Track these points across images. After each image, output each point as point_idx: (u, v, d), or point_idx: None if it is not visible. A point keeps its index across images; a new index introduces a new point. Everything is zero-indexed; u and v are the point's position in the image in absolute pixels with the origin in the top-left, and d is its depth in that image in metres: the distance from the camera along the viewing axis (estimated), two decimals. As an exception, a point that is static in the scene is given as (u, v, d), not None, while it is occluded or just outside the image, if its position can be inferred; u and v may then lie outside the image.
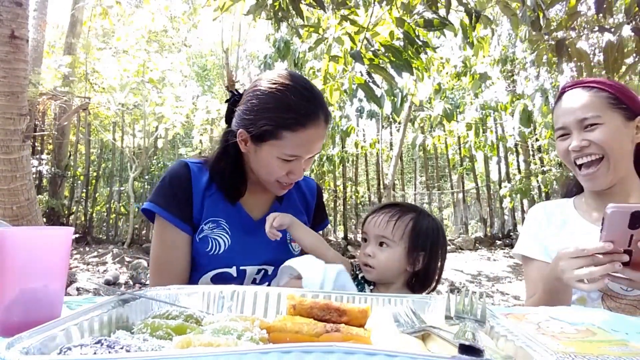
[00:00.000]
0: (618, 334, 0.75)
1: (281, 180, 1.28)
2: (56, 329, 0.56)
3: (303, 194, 1.51)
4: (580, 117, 1.27)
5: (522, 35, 5.26)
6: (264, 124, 1.22)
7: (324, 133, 1.28)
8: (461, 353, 0.45)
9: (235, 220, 1.33)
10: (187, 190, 1.30)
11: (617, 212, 0.97)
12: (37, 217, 3.65)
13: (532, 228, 1.45)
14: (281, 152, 1.22)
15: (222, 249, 1.29)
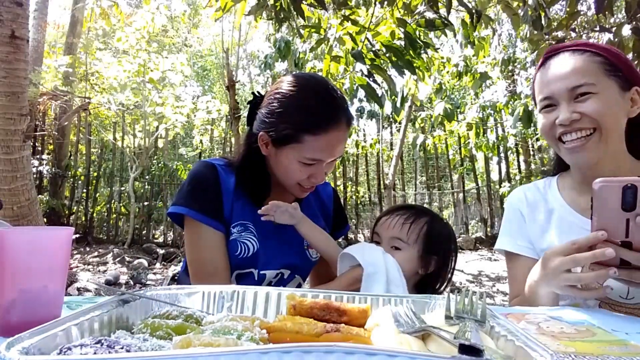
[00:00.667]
0: (618, 334, 0.75)
1: (302, 184, 1.28)
2: (56, 329, 0.56)
3: (321, 198, 1.50)
4: (571, 85, 1.10)
5: (523, 34, 5.25)
6: (285, 127, 1.21)
7: (345, 136, 1.27)
8: (461, 353, 0.45)
9: (260, 225, 1.32)
10: (217, 190, 1.28)
11: (606, 187, 0.84)
12: (38, 217, 3.65)
13: (514, 220, 1.30)
14: (302, 156, 1.21)
15: (251, 252, 1.29)
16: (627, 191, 0.81)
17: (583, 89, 1.08)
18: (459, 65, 6.68)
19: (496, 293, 5.44)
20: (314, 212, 1.46)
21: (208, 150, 9.73)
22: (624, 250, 0.83)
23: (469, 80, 6.77)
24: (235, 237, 1.28)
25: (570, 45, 1.17)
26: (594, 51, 1.12)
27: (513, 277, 1.29)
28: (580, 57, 1.12)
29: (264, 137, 1.26)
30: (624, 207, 0.82)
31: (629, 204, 0.82)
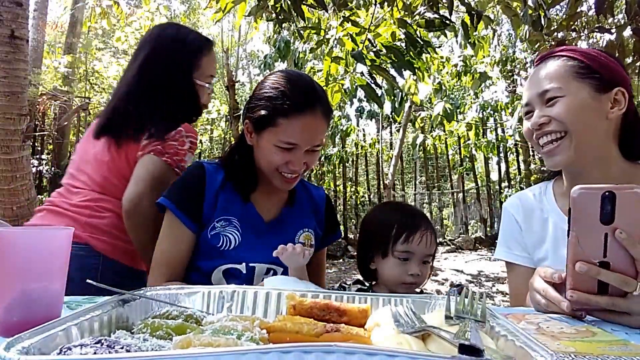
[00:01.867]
0: (618, 334, 0.75)
1: (282, 170, 1.31)
2: (56, 329, 0.56)
3: (313, 200, 1.54)
4: (540, 89, 1.14)
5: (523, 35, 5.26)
6: (262, 109, 1.28)
7: (322, 126, 1.31)
8: (461, 353, 0.45)
9: (247, 220, 1.38)
10: (199, 190, 1.35)
11: (584, 194, 0.79)
12: (37, 217, 3.64)
13: (510, 229, 1.31)
14: (278, 139, 1.26)
15: (232, 246, 1.34)
16: (605, 200, 0.77)
17: (550, 94, 1.12)
18: (459, 65, 6.68)
19: (496, 293, 5.44)
20: (305, 213, 1.49)
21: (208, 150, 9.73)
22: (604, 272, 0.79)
23: (469, 80, 6.77)
24: (218, 231, 1.34)
25: (551, 52, 1.19)
26: (570, 56, 1.15)
27: (512, 287, 1.30)
28: (554, 62, 1.16)
29: (247, 124, 1.35)
30: (602, 219, 0.78)
31: (608, 215, 0.77)
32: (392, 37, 2.95)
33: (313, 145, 1.31)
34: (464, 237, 9.03)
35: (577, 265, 0.80)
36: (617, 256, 0.79)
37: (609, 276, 0.79)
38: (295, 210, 1.48)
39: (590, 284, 0.81)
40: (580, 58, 1.13)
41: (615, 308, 0.80)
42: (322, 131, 1.34)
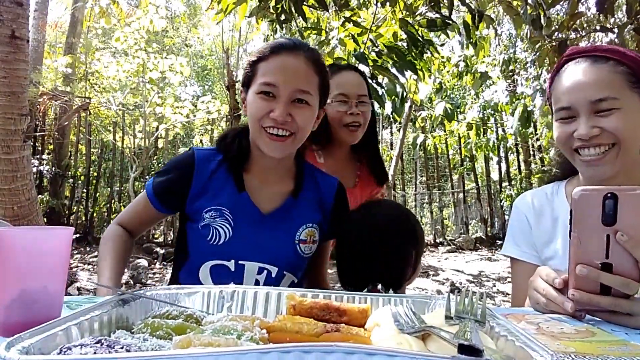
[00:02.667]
0: (618, 334, 0.75)
1: (265, 125, 1.23)
2: (56, 329, 0.56)
3: (320, 191, 1.43)
4: (593, 97, 1.03)
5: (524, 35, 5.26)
6: (247, 71, 1.29)
7: (306, 70, 1.25)
8: (460, 353, 0.45)
9: (240, 212, 1.29)
10: (184, 180, 1.31)
11: (585, 195, 0.77)
12: (38, 217, 3.65)
13: (519, 226, 1.29)
14: (258, 85, 1.22)
15: (222, 240, 1.27)
16: (607, 201, 0.76)
17: (606, 105, 1.02)
18: (459, 65, 6.68)
19: (496, 293, 5.44)
20: (311, 205, 1.39)
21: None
22: (604, 275, 0.78)
23: (470, 80, 6.77)
24: (208, 222, 1.27)
25: (591, 50, 1.09)
26: (617, 59, 1.05)
27: (516, 284, 1.28)
28: (603, 66, 1.05)
29: (242, 92, 1.34)
30: (604, 220, 0.77)
31: (610, 217, 0.76)
32: (393, 37, 2.95)
33: (297, 90, 1.22)
34: (464, 237, 9.02)
35: (578, 268, 0.79)
36: (619, 257, 0.77)
37: (610, 279, 0.78)
38: (299, 202, 1.36)
39: (592, 284, 0.80)
40: (628, 63, 1.04)
41: (618, 309, 0.79)
42: (307, 76, 1.26)
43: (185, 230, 1.33)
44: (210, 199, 1.29)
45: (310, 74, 1.26)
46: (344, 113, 1.77)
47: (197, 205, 1.29)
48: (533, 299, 0.91)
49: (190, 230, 1.31)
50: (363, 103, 1.80)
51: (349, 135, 1.80)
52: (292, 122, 1.23)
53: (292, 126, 1.24)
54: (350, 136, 1.81)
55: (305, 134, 1.30)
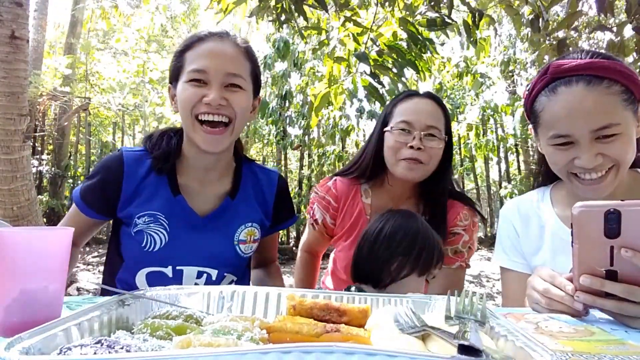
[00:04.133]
0: (617, 333, 0.75)
1: (199, 111, 1.16)
2: (56, 329, 0.56)
3: (260, 188, 1.37)
4: (595, 126, 0.99)
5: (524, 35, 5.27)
6: (174, 63, 1.24)
7: (235, 53, 1.21)
8: (460, 353, 0.45)
9: (176, 216, 1.23)
10: (112, 184, 1.23)
11: (586, 212, 0.77)
12: (38, 218, 3.65)
13: (507, 234, 1.28)
14: (188, 74, 1.17)
15: (158, 246, 1.22)
16: (609, 216, 0.75)
17: (609, 131, 0.99)
18: (460, 66, 6.69)
19: (497, 294, 5.44)
20: (250, 204, 1.34)
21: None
22: (608, 284, 0.78)
23: (470, 81, 6.78)
24: (141, 228, 1.21)
25: (583, 68, 1.03)
26: (611, 78, 1.01)
27: (506, 292, 1.28)
28: (599, 89, 1.00)
29: (170, 89, 1.28)
30: (607, 234, 0.76)
31: (613, 230, 0.75)
32: (393, 36, 2.95)
33: (229, 74, 1.17)
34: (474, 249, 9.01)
35: (582, 278, 0.79)
36: (625, 264, 0.77)
37: (615, 287, 0.78)
38: (237, 202, 1.31)
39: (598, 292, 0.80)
40: (622, 80, 1.01)
41: (623, 312, 0.79)
42: (238, 60, 1.21)
43: (119, 235, 1.28)
44: (142, 203, 1.22)
45: (240, 58, 1.22)
46: (403, 144, 1.44)
47: (129, 211, 1.22)
48: (532, 299, 0.91)
49: (124, 235, 1.25)
50: (432, 137, 1.45)
51: (405, 172, 1.44)
52: (227, 107, 1.17)
53: (228, 110, 1.18)
54: (406, 173, 1.44)
55: (242, 122, 1.23)
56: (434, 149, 1.44)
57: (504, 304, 1.26)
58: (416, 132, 1.44)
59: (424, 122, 1.45)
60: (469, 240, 1.51)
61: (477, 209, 1.58)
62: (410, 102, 1.51)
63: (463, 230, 1.50)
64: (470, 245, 1.53)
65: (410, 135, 1.44)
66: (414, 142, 1.42)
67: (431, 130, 1.45)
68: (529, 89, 1.15)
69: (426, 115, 1.46)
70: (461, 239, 1.50)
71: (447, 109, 1.57)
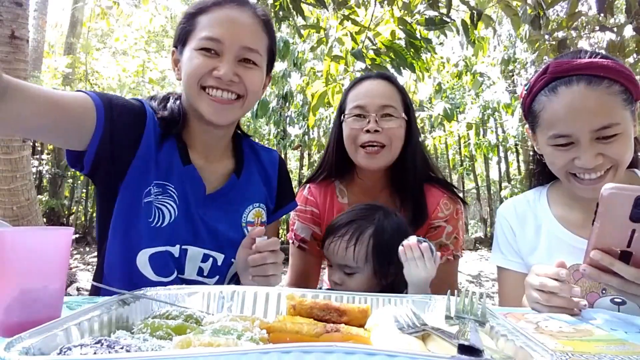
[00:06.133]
0: (617, 333, 0.75)
1: (207, 85, 1.07)
2: (56, 329, 0.56)
3: (263, 165, 1.30)
4: (596, 126, 0.99)
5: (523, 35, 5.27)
6: (183, 24, 1.12)
7: (252, 23, 1.10)
8: (460, 353, 0.45)
9: (185, 187, 1.11)
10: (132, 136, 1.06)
11: (616, 195, 0.77)
12: (37, 218, 3.65)
13: (504, 234, 1.27)
14: (199, 41, 1.06)
15: (167, 222, 1.08)
16: (638, 201, 0.76)
17: (610, 131, 0.99)
18: (459, 65, 6.68)
19: (496, 293, 5.45)
20: (255, 184, 1.26)
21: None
22: (618, 264, 0.80)
23: (470, 81, 6.78)
24: (151, 199, 1.07)
25: (584, 68, 1.03)
26: (611, 78, 1.01)
27: (503, 292, 1.28)
28: (599, 89, 1.00)
29: (173, 52, 1.16)
30: (632, 217, 0.77)
31: (639, 215, 0.76)
32: (391, 35, 2.95)
33: (244, 47, 1.07)
34: (464, 237, 9.03)
35: (592, 253, 0.81)
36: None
37: (623, 269, 0.79)
38: (243, 181, 1.22)
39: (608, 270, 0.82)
40: (621, 80, 1.02)
41: (626, 290, 0.81)
42: (256, 33, 1.11)
43: (111, 210, 1.07)
44: (153, 169, 1.08)
45: (258, 31, 1.11)
46: (360, 130, 1.39)
47: (138, 176, 1.06)
48: (531, 298, 0.91)
49: (124, 208, 1.06)
50: (388, 117, 1.39)
51: (366, 159, 1.39)
52: (239, 84, 1.08)
53: (239, 88, 1.08)
54: (368, 160, 1.39)
55: (254, 100, 1.13)
56: (392, 129, 1.38)
57: (501, 303, 1.26)
58: (371, 115, 1.38)
59: (378, 103, 1.39)
60: (453, 231, 1.45)
61: (458, 195, 1.51)
62: (362, 86, 1.45)
63: (445, 221, 1.44)
64: (456, 235, 1.46)
65: (366, 119, 1.39)
66: (370, 125, 1.37)
67: (386, 109, 1.39)
68: (528, 88, 1.15)
69: (379, 96, 1.40)
70: (444, 232, 1.44)
71: (402, 87, 1.49)
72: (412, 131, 1.46)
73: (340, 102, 1.53)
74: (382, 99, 1.40)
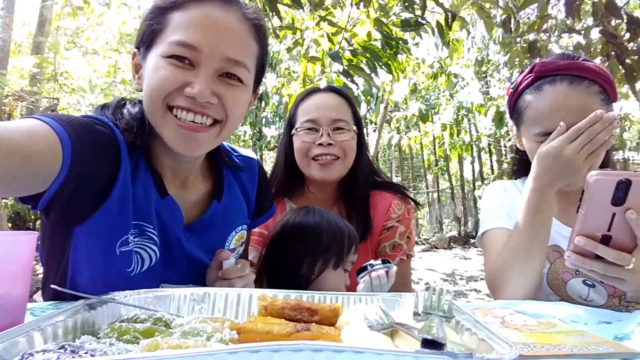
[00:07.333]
0: (577, 325, 0.78)
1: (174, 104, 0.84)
2: (18, 336, 0.54)
3: (240, 178, 1.15)
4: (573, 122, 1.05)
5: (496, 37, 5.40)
6: (149, 22, 0.88)
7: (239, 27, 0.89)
8: (424, 347, 0.46)
9: (166, 223, 0.95)
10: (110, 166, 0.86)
11: (600, 180, 0.82)
12: (2, 222, 3.53)
13: (493, 208, 1.30)
14: (169, 45, 0.84)
15: (146, 266, 0.92)
16: (620, 185, 0.81)
17: None
18: (434, 66, 6.79)
19: (469, 291, 5.55)
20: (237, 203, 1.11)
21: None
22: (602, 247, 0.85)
23: (444, 82, 6.90)
24: (129, 248, 0.89)
25: (566, 68, 1.12)
26: (591, 79, 1.10)
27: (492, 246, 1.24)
28: (580, 88, 1.09)
29: (134, 56, 0.93)
30: (613, 201, 0.82)
31: (619, 199, 0.81)
32: (368, 37, 2.98)
33: (227, 59, 0.85)
34: (438, 236, 9.18)
35: (577, 239, 0.85)
36: (620, 232, 0.83)
37: (606, 251, 0.84)
38: (224, 205, 1.05)
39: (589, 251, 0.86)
40: (600, 82, 1.10)
41: (609, 273, 0.86)
42: (244, 41, 0.89)
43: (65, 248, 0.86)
44: (131, 209, 0.89)
45: (247, 38, 0.90)
46: (312, 144, 1.39)
47: (110, 222, 0.86)
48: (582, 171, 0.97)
49: (86, 254, 0.86)
50: (340, 130, 1.41)
51: (319, 172, 1.39)
52: (217, 106, 0.87)
53: (217, 111, 0.88)
54: (321, 172, 1.39)
55: (234, 126, 0.93)
56: (345, 142, 1.40)
57: (489, 260, 1.22)
58: (323, 128, 1.39)
59: (329, 117, 1.40)
60: (405, 231, 1.47)
61: (409, 196, 1.53)
62: (312, 99, 1.46)
63: (397, 222, 1.46)
64: (409, 235, 1.48)
65: (318, 133, 1.40)
66: (322, 138, 1.38)
67: (338, 123, 1.41)
68: (514, 87, 1.22)
69: (330, 110, 1.42)
70: (397, 232, 1.46)
71: (351, 100, 1.51)
72: (362, 143, 1.48)
73: (289, 115, 1.51)
74: (334, 112, 1.42)
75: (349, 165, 1.43)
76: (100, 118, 0.90)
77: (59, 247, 0.88)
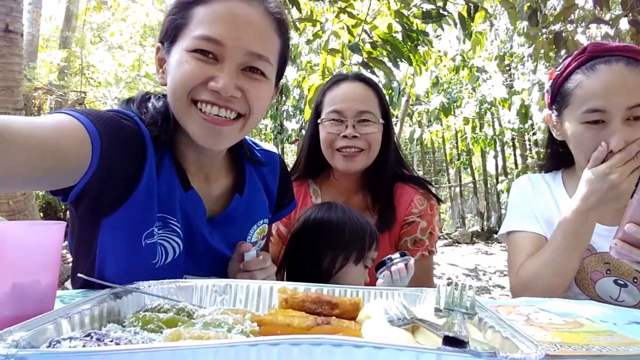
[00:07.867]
0: (606, 325, 0.76)
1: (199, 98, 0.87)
2: (46, 323, 0.56)
3: (261, 171, 1.16)
4: (632, 103, 1.02)
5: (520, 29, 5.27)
6: (173, 17, 0.91)
7: (263, 22, 0.90)
8: (445, 344, 0.45)
9: (187, 218, 0.97)
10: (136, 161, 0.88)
11: None
12: (34, 212, 3.65)
13: (520, 203, 1.27)
14: (193, 40, 0.86)
15: (170, 259, 0.95)
16: None
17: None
18: (456, 59, 6.67)
19: (493, 287, 5.47)
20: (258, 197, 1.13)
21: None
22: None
23: (466, 75, 6.77)
24: (154, 240, 0.92)
25: (622, 50, 1.08)
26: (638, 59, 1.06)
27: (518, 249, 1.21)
28: (637, 70, 1.05)
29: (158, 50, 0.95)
30: None
31: None
32: (388, 29, 2.95)
33: (251, 53, 0.87)
34: (461, 231, 9.06)
35: (627, 226, 0.82)
36: None
37: None
38: (246, 199, 1.07)
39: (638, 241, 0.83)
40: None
41: None
42: (267, 36, 0.91)
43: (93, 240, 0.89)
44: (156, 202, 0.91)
45: (270, 33, 0.92)
46: (337, 135, 1.39)
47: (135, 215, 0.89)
48: None
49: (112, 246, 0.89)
50: (366, 122, 1.39)
51: (343, 163, 1.39)
52: (241, 100, 0.89)
53: (240, 105, 0.90)
54: (345, 164, 1.39)
55: (257, 120, 0.96)
56: (370, 134, 1.38)
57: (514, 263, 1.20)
58: (348, 120, 1.37)
59: (356, 109, 1.38)
60: (427, 227, 1.45)
61: (432, 192, 1.50)
62: (339, 89, 1.43)
63: (418, 217, 1.44)
64: (431, 231, 1.46)
65: (343, 124, 1.38)
66: (347, 131, 1.36)
67: (364, 115, 1.38)
68: (560, 69, 1.18)
69: (357, 101, 1.39)
70: (418, 227, 1.44)
71: (381, 90, 1.47)
72: (390, 134, 1.46)
73: (316, 102, 1.50)
74: (360, 104, 1.39)
75: (373, 157, 1.42)
76: (126, 112, 0.93)
77: (87, 238, 0.91)
